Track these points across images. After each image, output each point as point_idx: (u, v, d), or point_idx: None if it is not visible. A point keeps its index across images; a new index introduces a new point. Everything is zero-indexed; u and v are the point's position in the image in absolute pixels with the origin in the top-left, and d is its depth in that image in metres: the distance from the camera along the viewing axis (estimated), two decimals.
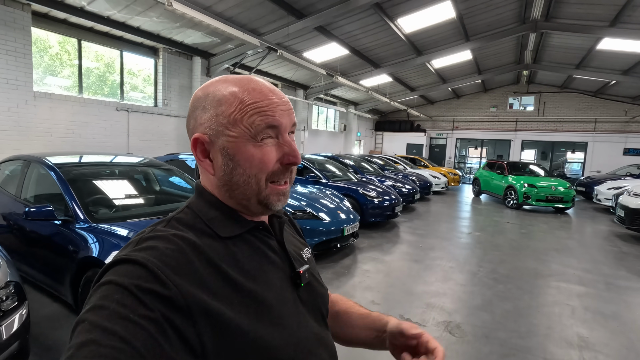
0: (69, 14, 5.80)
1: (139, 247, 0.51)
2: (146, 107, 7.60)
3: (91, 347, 0.40)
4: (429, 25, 8.42)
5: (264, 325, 0.53)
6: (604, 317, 3.45)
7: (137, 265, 0.47)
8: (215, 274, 0.52)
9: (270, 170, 0.57)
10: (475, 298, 3.76)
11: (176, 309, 0.46)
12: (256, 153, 0.57)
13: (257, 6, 6.45)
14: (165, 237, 0.53)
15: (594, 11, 7.79)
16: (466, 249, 5.71)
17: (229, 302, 0.51)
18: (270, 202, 0.59)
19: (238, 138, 0.56)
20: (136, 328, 0.42)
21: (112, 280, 0.46)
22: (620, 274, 4.80)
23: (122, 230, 2.74)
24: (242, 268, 0.56)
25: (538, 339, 2.98)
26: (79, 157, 3.89)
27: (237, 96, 0.57)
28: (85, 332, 0.41)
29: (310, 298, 0.65)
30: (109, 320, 0.42)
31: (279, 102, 0.58)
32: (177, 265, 0.49)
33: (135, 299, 0.44)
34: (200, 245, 0.54)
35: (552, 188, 9.89)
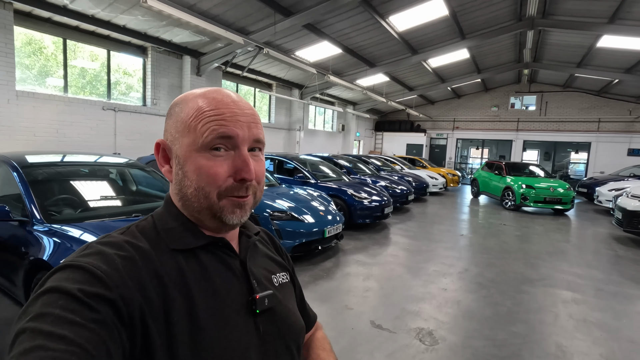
0: (53, 13, 5.76)
1: (86, 253, 0.49)
2: (134, 106, 7.54)
3: (39, 352, 0.37)
4: (422, 23, 8.26)
5: (201, 352, 0.50)
6: (587, 325, 3.28)
7: (80, 270, 0.45)
8: (158, 288, 0.50)
9: (221, 185, 0.54)
10: (455, 303, 3.62)
11: (119, 314, 0.44)
12: (204, 165, 0.54)
13: (243, 4, 6.35)
14: (116, 244, 0.51)
15: (592, 7, 7.57)
16: (455, 251, 5.55)
17: (167, 320, 0.49)
18: (223, 215, 0.56)
19: (189, 146, 0.54)
20: (84, 331, 0.40)
21: (54, 287, 0.43)
22: (612, 278, 4.62)
23: (76, 231, 2.65)
24: (185, 286, 0.53)
25: (514, 349, 2.83)
26: (53, 156, 3.82)
27: (196, 103, 0.55)
28: (28, 340, 0.38)
29: (272, 328, 0.60)
30: (54, 326, 0.39)
31: (239, 112, 0.56)
32: (122, 272, 0.47)
33: (80, 303, 0.42)
34: (151, 255, 0.52)
35: (550, 189, 9.67)
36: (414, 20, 8.13)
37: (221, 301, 0.55)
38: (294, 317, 0.66)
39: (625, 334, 3.14)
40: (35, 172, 3.17)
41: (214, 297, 0.55)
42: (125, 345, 0.44)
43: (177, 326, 0.50)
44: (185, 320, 0.51)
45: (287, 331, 0.63)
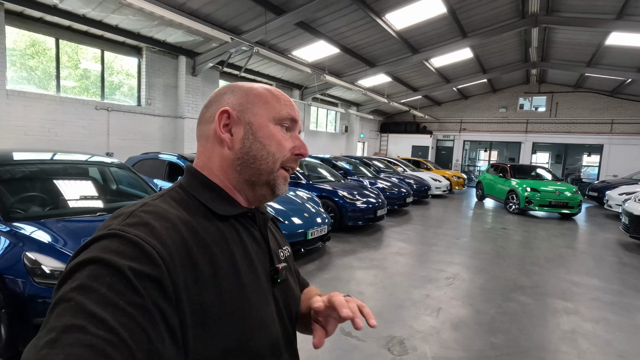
0: (44, 13, 5.80)
1: (132, 222, 0.48)
2: (128, 106, 7.56)
3: (77, 334, 0.37)
4: (421, 21, 8.07)
5: (244, 315, 0.53)
6: (575, 337, 3.05)
7: (130, 244, 0.44)
8: (206, 256, 0.51)
9: (285, 155, 0.62)
10: (435, 311, 3.43)
11: (165, 294, 0.44)
12: (276, 134, 0.61)
13: (233, 3, 6.29)
14: (159, 213, 0.51)
15: (598, 3, 7.25)
16: (447, 256, 5.33)
17: (216, 286, 0.51)
18: (277, 184, 0.62)
19: (264, 116, 0.61)
20: (125, 317, 0.40)
21: (105, 259, 0.42)
22: (611, 287, 4.34)
23: (28, 228, 2.59)
24: (231, 252, 0.55)
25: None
26: (24, 154, 3.79)
27: (266, 89, 0.64)
28: (70, 314, 0.38)
29: (283, 297, 0.65)
30: (97, 305, 0.39)
31: (295, 106, 0.66)
32: (172, 246, 0.47)
33: (127, 284, 0.41)
34: (194, 224, 0.53)
35: (556, 193, 9.31)
36: (412, 19, 7.94)
37: (254, 266, 0.59)
38: (295, 288, 0.72)
39: (616, 348, 2.91)
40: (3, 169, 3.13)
41: (251, 264, 0.58)
42: (172, 324, 0.44)
43: (226, 292, 0.51)
44: (233, 286, 0.53)
45: (291, 301, 0.68)
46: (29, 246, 2.49)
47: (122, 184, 4.19)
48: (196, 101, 8.49)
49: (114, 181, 4.16)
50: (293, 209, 4.96)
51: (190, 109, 8.35)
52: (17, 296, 2.23)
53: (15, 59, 6.17)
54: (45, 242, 2.54)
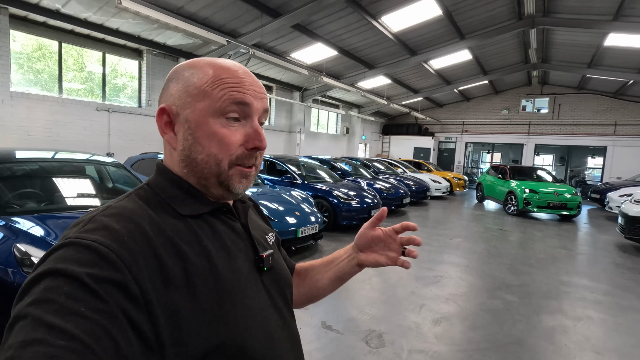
0: (47, 17, 6.00)
1: (90, 227, 0.45)
2: (129, 107, 7.74)
3: (37, 347, 0.35)
4: (417, 23, 8.14)
5: (225, 310, 0.50)
6: (551, 334, 3.09)
7: (87, 250, 0.42)
8: (175, 255, 0.48)
9: (233, 153, 0.55)
10: (417, 308, 3.48)
11: (131, 297, 0.42)
12: (218, 131, 0.54)
13: (230, 6, 6.43)
14: (121, 215, 0.48)
15: (593, 4, 7.26)
16: (438, 256, 5.38)
17: (189, 286, 0.48)
18: (231, 183, 0.56)
19: (203, 111, 0.54)
20: (90, 324, 0.37)
21: (60, 270, 0.40)
22: (600, 287, 4.35)
23: (23, 222, 2.72)
24: (204, 249, 0.52)
25: (460, 356, 2.69)
26: (21, 153, 3.93)
27: (211, 70, 0.55)
28: (28, 329, 0.36)
29: (273, 283, 0.63)
30: (57, 316, 0.37)
31: (252, 82, 0.57)
32: (135, 247, 0.45)
33: (87, 291, 0.39)
34: (160, 223, 0.50)
35: (555, 194, 9.27)
36: (408, 21, 8.02)
37: (234, 259, 0.56)
38: (286, 272, 0.70)
39: (594, 344, 2.94)
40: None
41: (229, 257, 0.55)
42: (141, 327, 0.42)
43: (202, 289, 0.48)
44: (209, 283, 0.50)
45: (284, 285, 0.66)
46: (21, 238, 2.61)
47: (118, 183, 4.32)
48: None
49: (110, 179, 4.29)
50: (284, 207, 5.06)
51: None
52: (6, 285, 2.35)
53: (23, 62, 6.41)
54: (37, 235, 2.67)
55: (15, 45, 6.20)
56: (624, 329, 3.25)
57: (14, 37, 6.19)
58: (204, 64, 0.56)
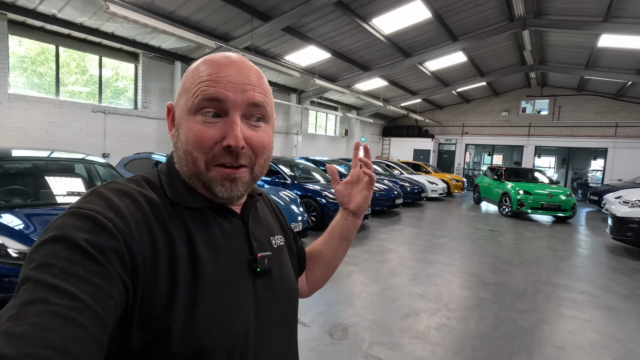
0: (44, 22, 6.21)
1: (90, 199, 0.47)
2: (125, 109, 7.94)
3: (39, 305, 0.36)
4: (408, 25, 8.21)
5: (197, 303, 0.49)
6: (513, 330, 3.14)
7: (85, 218, 0.44)
8: (165, 237, 0.49)
9: (208, 152, 0.53)
10: (387, 303, 3.55)
11: (124, 265, 0.43)
12: (191, 127, 0.52)
13: (221, 10, 6.59)
14: (122, 190, 0.50)
15: (583, 6, 7.28)
16: (421, 255, 5.43)
17: (170, 270, 0.48)
18: (212, 185, 0.54)
19: (182, 108, 0.54)
20: (88, 285, 0.39)
21: (59, 236, 0.42)
22: (578, 286, 4.37)
23: (5, 216, 2.86)
24: (190, 238, 0.52)
25: (421, 347, 2.76)
26: (25, 152, 4.10)
27: (198, 67, 0.54)
28: (31, 290, 0.38)
29: (269, 289, 0.60)
30: (57, 278, 0.38)
31: (233, 73, 0.53)
32: (130, 220, 0.46)
33: (85, 255, 0.41)
34: (158, 204, 0.51)
35: (549, 195, 9.25)
36: (399, 23, 8.10)
37: (222, 255, 0.55)
38: (289, 282, 0.66)
39: (558, 340, 2.99)
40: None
41: (215, 250, 0.54)
42: (128, 297, 0.44)
43: (181, 274, 0.49)
44: (188, 270, 0.50)
45: (284, 295, 0.63)
46: (1, 232, 2.76)
47: (101, 180, 4.47)
48: None
49: (98, 178, 4.44)
50: None
51: None
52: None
53: (27, 66, 6.67)
54: (16, 229, 2.81)
55: (20, 49, 6.49)
56: (592, 326, 3.29)
57: (20, 42, 6.47)
58: (198, 61, 0.56)
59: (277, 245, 0.66)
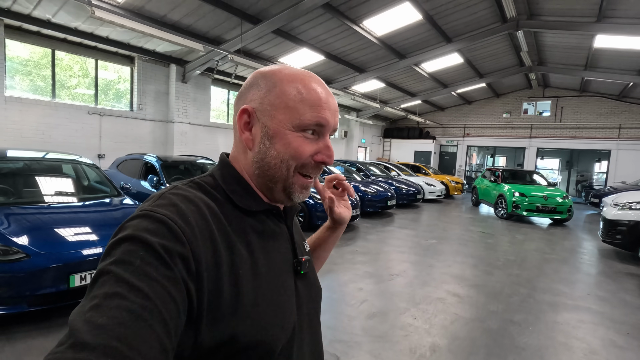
0: (40, 27, 6.41)
1: (161, 203, 0.51)
2: (120, 111, 8.11)
3: (118, 300, 0.40)
4: (400, 27, 8.24)
5: (257, 302, 0.54)
6: (476, 331, 3.15)
7: (158, 223, 0.47)
8: (226, 242, 0.53)
9: (302, 162, 0.59)
10: (358, 303, 3.59)
11: (190, 271, 0.47)
12: (294, 141, 0.58)
13: (210, 14, 6.72)
14: (186, 197, 0.53)
15: (574, 6, 7.22)
16: (404, 255, 5.45)
17: (233, 273, 0.52)
18: (293, 191, 0.60)
19: (283, 122, 0.58)
20: (159, 287, 0.43)
21: (137, 236, 0.45)
22: (556, 287, 4.35)
23: None
24: (249, 243, 0.57)
25: (369, 345, 2.79)
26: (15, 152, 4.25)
27: (296, 85, 0.58)
28: (111, 283, 0.41)
29: (306, 290, 0.66)
30: (134, 276, 0.42)
31: (331, 102, 0.61)
32: (195, 227, 0.50)
33: (157, 258, 0.44)
34: (217, 211, 0.55)
35: (544, 197, 9.15)
36: (391, 25, 8.14)
37: (275, 257, 0.60)
38: (318, 282, 0.73)
39: (520, 341, 2.99)
40: None
41: (269, 255, 0.59)
42: (192, 300, 0.47)
43: (242, 279, 0.53)
44: (249, 274, 0.54)
45: (316, 294, 0.70)
46: None
47: (93, 181, 4.60)
48: (186, 106, 8.98)
49: (85, 177, 4.57)
50: None
51: (180, 113, 8.84)
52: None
53: (30, 69, 6.91)
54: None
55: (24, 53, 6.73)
56: (560, 328, 3.27)
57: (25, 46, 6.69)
58: (284, 75, 0.59)
59: (308, 250, 0.74)
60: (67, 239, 2.91)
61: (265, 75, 0.60)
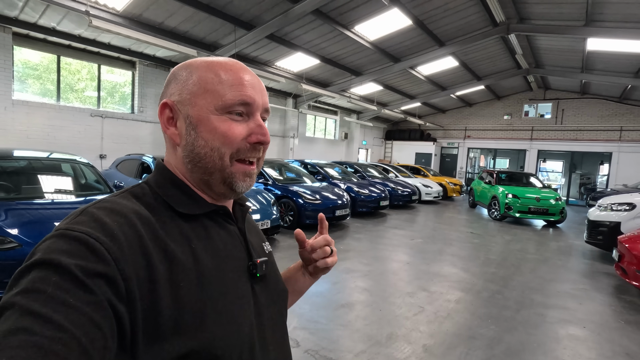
0: (46, 35, 6.80)
1: (80, 219, 0.46)
2: (121, 113, 8.49)
3: (22, 335, 0.34)
4: (392, 32, 8.44)
5: (206, 313, 0.49)
6: (438, 327, 3.33)
7: (76, 242, 0.42)
8: (163, 253, 0.49)
9: (236, 146, 0.56)
10: (330, 295, 3.80)
11: (117, 291, 0.42)
12: (220, 126, 0.55)
13: (206, 20, 7.02)
14: (112, 209, 0.49)
15: (562, 10, 7.33)
16: (387, 253, 5.64)
17: (172, 285, 0.47)
18: (234, 181, 0.57)
19: (205, 107, 0.55)
20: (77, 314, 0.37)
21: (49, 260, 0.40)
22: (528, 283, 4.48)
23: None
24: (192, 249, 0.52)
25: (324, 340, 2.99)
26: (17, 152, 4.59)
27: (212, 69, 0.56)
28: (14, 318, 0.36)
29: (266, 293, 0.62)
30: (44, 306, 0.37)
31: (253, 80, 0.58)
32: (123, 242, 0.45)
33: (75, 282, 0.39)
34: (152, 220, 0.50)
35: (536, 199, 9.22)
36: (382, 30, 8.34)
37: (224, 262, 0.56)
38: (281, 284, 0.69)
39: (476, 332, 3.16)
40: None
41: (218, 260, 0.55)
42: (123, 323, 0.42)
43: (185, 290, 0.48)
44: (193, 285, 0.49)
45: (278, 296, 0.66)
46: None
47: (90, 180, 4.91)
48: None
49: (83, 176, 4.88)
50: None
51: None
52: None
53: (40, 74, 7.34)
54: None
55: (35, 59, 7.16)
56: (518, 322, 3.43)
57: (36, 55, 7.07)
58: (200, 63, 0.57)
59: (268, 251, 0.70)
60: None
61: (182, 67, 0.58)
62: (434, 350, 2.81)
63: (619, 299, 4.21)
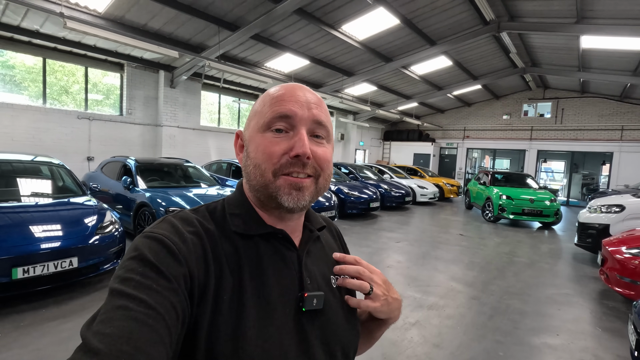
0: (30, 37, 6.80)
1: (160, 225, 0.54)
2: (109, 115, 8.48)
3: (123, 311, 0.44)
4: (380, 31, 8.33)
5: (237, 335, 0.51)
6: (410, 328, 3.22)
7: (156, 241, 0.51)
8: (217, 266, 0.54)
9: (277, 161, 0.56)
10: None
11: (185, 283, 0.49)
12: (261, 142, 0.57)
13: (189, 22, 6.98)
14: (187, 219, 0.56)
15: (552, 7, 7.17)
16: (367, 256, 5.52)
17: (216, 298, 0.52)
18: (279, 194, 0.56)
19: (253, 128, 0.59)
20: (160, 297, 0.46)
21: (136, 256, 0.49)
22: (509, 288, 4.35)
23: None
24: (239, 269, 0.55)
25: None
26: None
27: (267, 94, 0.61)
28: (115, 299, 0.45)
29: (316, 329, 0.59)
30: (135, 290, 0.45)
31: (300, 95, 0.58)
32: (190, 247, 0.52)
33: (157, 272, 0.48)
34: (215, 236, 0.56)
35: (530, 201, 9.04)
36: (370, 30, 8.24)
37: (268, 291, 0.56)
38: (342, 323, 0.63)
39: (443, 339, 3.05)
40: None
41: (262, 285, 0.56)
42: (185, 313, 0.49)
43: (225, 304, 0.52)
44: (233, 302, 0.53)
45: (332, 336, 0.61)
46: None
47: (62, 181, 4.86)
48: (175, 110, 9.31)
49: (60, 179, 4.85)
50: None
51: (168, 117, 9.16)
52: None
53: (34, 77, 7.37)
54: None
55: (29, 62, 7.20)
56: (487, 328, 3.31)
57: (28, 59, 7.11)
58: (265, 92, 0.62)
59: (335, 284, 0.64)
60: (13, 234, 3.14)
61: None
62: (392, 359, 2.71)
63: (601, 304, 4.06)
